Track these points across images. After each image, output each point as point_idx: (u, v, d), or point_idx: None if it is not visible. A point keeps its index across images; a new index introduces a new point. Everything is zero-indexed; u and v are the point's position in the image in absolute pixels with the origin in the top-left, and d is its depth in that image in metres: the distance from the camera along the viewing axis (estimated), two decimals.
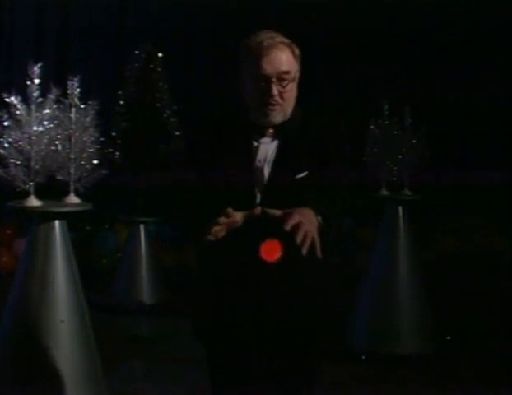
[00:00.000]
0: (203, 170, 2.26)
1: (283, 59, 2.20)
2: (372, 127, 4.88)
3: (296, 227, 2.00)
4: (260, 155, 2.26)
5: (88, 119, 3.36)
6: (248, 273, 2.20)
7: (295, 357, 2.26)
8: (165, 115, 6.01)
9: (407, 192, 4.94)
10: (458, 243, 7.62)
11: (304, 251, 2.00)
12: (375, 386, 4.29)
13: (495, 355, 4.90)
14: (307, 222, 2.03)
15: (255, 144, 2.26)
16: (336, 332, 4.82)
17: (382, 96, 4.92)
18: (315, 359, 2.35)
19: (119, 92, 6.06)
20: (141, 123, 5.94)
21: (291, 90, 2.24)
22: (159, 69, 6.11)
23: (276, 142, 2.26)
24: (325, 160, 2.25)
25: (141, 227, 6.13)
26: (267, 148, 2.26)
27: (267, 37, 2.22)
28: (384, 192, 4.92)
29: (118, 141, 5.93)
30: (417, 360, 4.68)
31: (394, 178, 4.90)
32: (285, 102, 2.23)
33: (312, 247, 2.02)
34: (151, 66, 6.08)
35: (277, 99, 2.20)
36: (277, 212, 2.08)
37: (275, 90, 2.19)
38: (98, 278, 6.79)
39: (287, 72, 2.21)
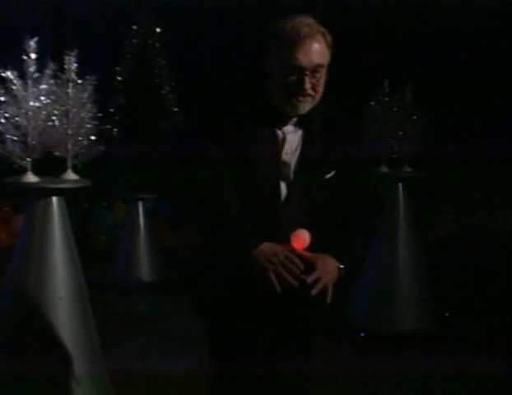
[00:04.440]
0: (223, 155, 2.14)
1: (319, 51, 2.10)
2: (372, 103, 4.86)
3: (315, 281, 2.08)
4: (287, 148, 2.18)
5: (86, 95, 3.33)
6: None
7: (295, 332, 2.26)
8: (163, 91, 5.99)
9: (408, 168, 4.94)
10: (458, 220, 7.62)
11: (313, 292, 2.07)
12: (374, 362, 4.31)
13: (492, 330, 4.93)
14: (326, 275, 2.10)
15: (280, 134, 2.17)
16: (336, 310, 4.90)
17: (382, 73, 4.90)
18: (313, 332, 2.36)
19: (117, 68, 6.03)
20: (139, 100, 5.92)
21: (323, 82, 2.15)
22: (157, 45, 6.06)
23: (300, 133, 2.19)
24: (350, 155, 2.21)
25: (140, 204, 6.14)
26: (293, 140, 2.18)
27: (304, 25, 2.09)
28: (384, 169, 4.92)
29: (116, 118, 5.91)
30: (416, 336, 4.71)
31: (395, 155, 4.90)
32: (316, 94, 2.14)
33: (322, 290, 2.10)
34: (150, 42, 6.03)
35: (309, 91, 2.11)
36: (307, 254, 2.10)
37: (308, 82, 2.09)
38: (96, 255, 6.82)
39: (322, 66, 2.12)
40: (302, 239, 2.11)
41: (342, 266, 2.15)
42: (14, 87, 3.08)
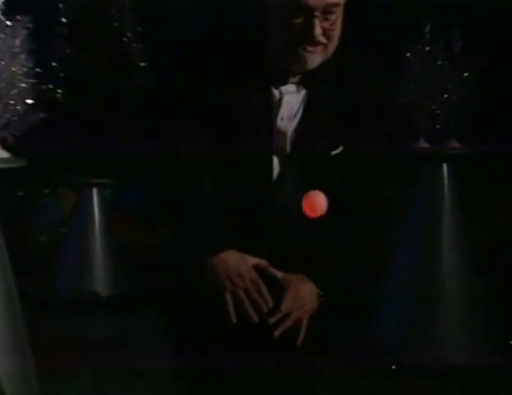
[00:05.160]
0: (194, 126, 2.17)
1: None
2: (409, 55, 4.88)
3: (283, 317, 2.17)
4: (283, 112, 2.21)
5: (17, 42, 3.37)
6: None
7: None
8: (124, 39, 6.02)
9: (455, 143, 4.93)
10: None
11: (276, 334, 2.14)
12: None
13: None
14: (297, 310, 2.17)
15: (276, 95, 2.20)
16: (357, 332, 4.91)
17: (422, 13, 4.87)
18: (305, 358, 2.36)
19: (60, 5, 6.03)
20: (93, 50, 5.97)
21: (338, 26, 2.14)
22: None
23: (303, 94, 2.22)
24: (365, 129, 2.23)
25: (94, 192, 6.20)
26: (293, 102, 2.21)
27: None
28: (424, 144, 4.92)
29: (61, 74, 5.93)
30: (467, 372, 4.68)
31: (437, 126, 4.89)
32: (329, 42, 2.14)
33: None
34: None
35: (320, 39, 2.11)
36: (279, 274, 2.17)
37: (318, 27, 2.09)
38: (35, 261, 6.83)
39: (337, 4, 2.10)
40: (317, 204, 2.15)
41: (321, 293, 2.20)
42: None
